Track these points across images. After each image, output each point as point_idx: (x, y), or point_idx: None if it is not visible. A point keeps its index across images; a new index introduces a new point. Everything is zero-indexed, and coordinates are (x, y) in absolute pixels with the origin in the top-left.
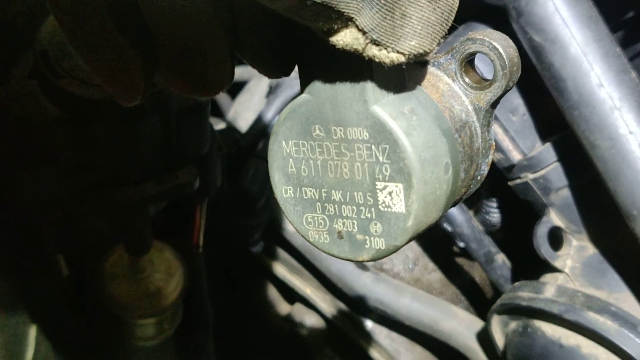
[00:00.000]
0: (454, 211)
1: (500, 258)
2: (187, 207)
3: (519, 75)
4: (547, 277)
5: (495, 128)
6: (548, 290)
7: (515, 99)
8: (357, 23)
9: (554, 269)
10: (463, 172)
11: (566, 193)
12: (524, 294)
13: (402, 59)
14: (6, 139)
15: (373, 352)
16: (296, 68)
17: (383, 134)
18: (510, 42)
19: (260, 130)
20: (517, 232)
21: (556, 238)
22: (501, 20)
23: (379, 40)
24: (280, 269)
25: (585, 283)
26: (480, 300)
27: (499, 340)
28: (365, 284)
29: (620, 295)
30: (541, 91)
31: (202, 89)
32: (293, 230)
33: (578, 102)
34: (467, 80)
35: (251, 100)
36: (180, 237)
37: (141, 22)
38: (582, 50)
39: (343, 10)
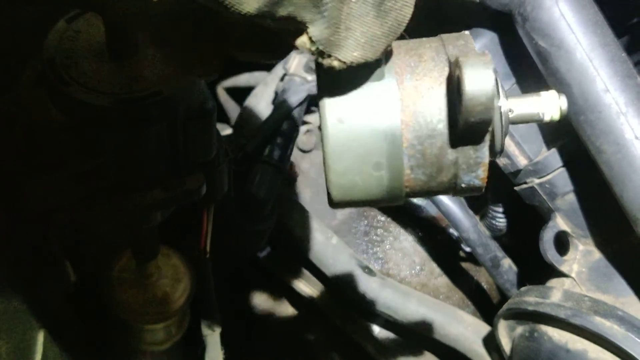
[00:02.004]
0: (461, 216)
1: (507, 263)
2: (194, 213)
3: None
4: (554, 282)
5: None
6: (554, 294)
7: None
8: (308, 32)
9: (561, 274)
10: (423, 176)
11: (572, 198)
12: (531, 298)
13: (344, 66)
14: (13, 145)
15: (380, 357)
16: None
17: (322, 121)
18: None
19: (267, 136)
20: (524, 237)
21: (562, 242)
22: (507, 26)
23: (323, 50)
24: (287, 274)
25: (592, 287)
26: (486, 305)
27: (506, 345)
28: (372, 288)
29: (626, 300)
30: None
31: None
32: (300, 235)
33: (584, 107)
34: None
35: (257, 106)
36: (187, 243)
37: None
38: (587, 55)
39: (300, 20)
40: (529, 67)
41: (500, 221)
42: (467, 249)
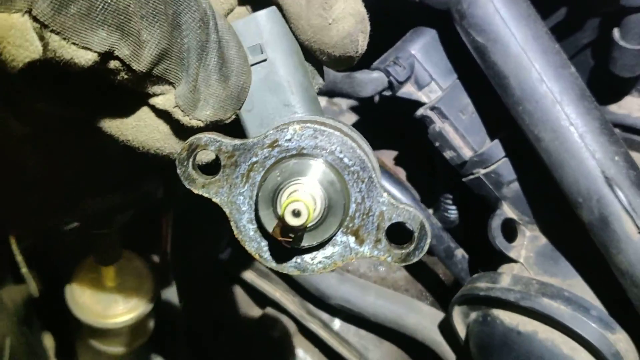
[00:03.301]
0: None
1: (460, 253)
2: (154, 217)
3: None
4: (504, 268)
5: (447, 127)
6: (504, 279)
7: (463, 99)
8: (175, 91)
9: (510, 260)
10: None
11: (517, 186)
12: (482, 284)
13: (201, 124)
14: None
15: (343, 351)
16: None
17: None
18: None
19: None
20: (476, 227)
21: (510, 229)
22: (447, 24)
23: (183, 108)
24: (249, 274)
25: (540, 271)
26: (445, 296)
27: (461, 331)
28: (330, 284)
29: (573, 282)
30: (488, 89)
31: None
32: None
33: (521, 98)
34: None
35: None
36: (148, 246)
37: None
38: (522, 48)
39: (170, 79)
40: (469, 61)
41: (452, 213)
42: None
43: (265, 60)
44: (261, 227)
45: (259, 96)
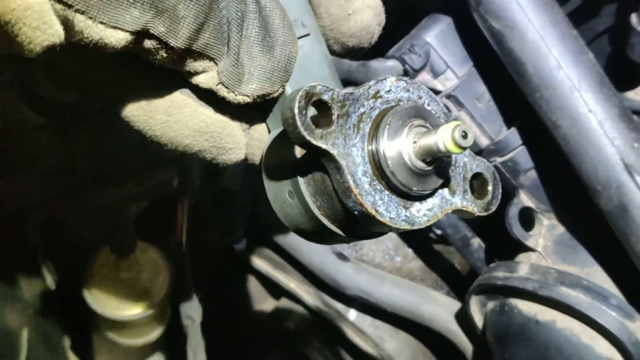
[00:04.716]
0: None
1: (476, 242)
2: (169, 207)
3: None
4: (521, 257)
5: (463, 115)
6: (522, 268)
7: (479, 86)
8: (218, 66)
9: (527, 248)
10: (325, 203)
11: (534, 174)
12: (499, 273)
13: (248, 99)
14: None
15: (358, 341)
16: None
17: None
18: None
19: None
20: (492, 215)
21: (528, 218)
22: (462, 10)
23: (227, 84)
24: (264, 265)
25: (558, 260)
26: (461, 285)
27: (478, 320)
28: (346, 274)
29: (591, 270)
30: (504, 77)
31: None
32: (274, 226)
33: (539, 85)
34: None
35: None
36: (164, 237)
37: None
38: (539, 34)
39: (212, 55)
40: (485, 49)
41: None
42: (438, 231)
43: (308, 35)
44: (377, 179)
45: (303, 71)
